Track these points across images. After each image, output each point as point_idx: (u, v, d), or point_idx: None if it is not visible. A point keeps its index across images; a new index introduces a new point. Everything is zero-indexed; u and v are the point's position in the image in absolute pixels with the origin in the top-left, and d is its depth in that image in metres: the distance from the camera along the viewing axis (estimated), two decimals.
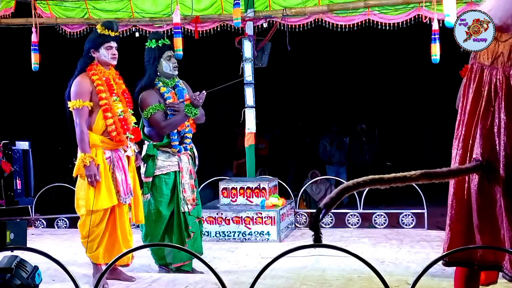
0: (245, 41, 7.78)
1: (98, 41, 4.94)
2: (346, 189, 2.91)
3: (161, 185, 5.30)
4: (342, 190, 2.91)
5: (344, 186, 2.92)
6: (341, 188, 2.92)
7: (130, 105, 5.12)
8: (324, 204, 2.87)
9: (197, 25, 7.88)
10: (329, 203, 2.88)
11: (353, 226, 7.69)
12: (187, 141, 5.42)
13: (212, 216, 7.01)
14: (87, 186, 4.81)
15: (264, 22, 7.81)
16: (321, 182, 10.47)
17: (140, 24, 8.07)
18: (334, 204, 2.90)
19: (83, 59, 4.99)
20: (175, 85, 5.47)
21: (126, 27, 8.01)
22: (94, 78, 4.89)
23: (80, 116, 4.82)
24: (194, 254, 2.98)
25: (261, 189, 7.26)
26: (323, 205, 2.86)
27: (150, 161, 5.29)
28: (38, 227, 8.14)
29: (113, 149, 4.92)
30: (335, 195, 2.88)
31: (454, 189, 3.29)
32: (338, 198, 2.89)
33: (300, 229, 7.78)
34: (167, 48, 5.41)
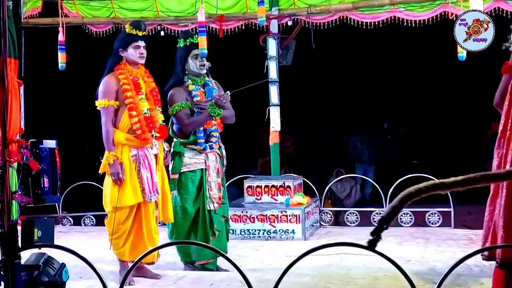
0: (269, 39, 7.78)
1: (126, 40, 4.99)
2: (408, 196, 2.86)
3: (187, 182, 5.32)
4: (404, 197, 2.86)
5: (406, 193, 2.87)
6: (403, 196, 2.87)
7: (159, 103, 5.14)
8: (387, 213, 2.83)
9: (221, 24, 7.89)
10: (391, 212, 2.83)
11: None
12: (213, 139, 5.43)
13: (237, 214, 7.01)
14: (112, 183, 4.86)
15: (289, 20, 7.80)
16: (346, 180, 10.42)
17: (165, 23, 8.11)
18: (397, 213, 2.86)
19: (112, 59, 5.05)
20: (205, 84, 5.49)
21: (151, 26, 8.05)
22: (121, 77, 4.94)
23: (106, 115, 4.88)
24: (219, 252, 2.98)
25: (286, 187, 7.25)
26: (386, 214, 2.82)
27: (176, 158, 5.32)
28: (65, 224, 8.23)
29: (139, 147, 4.95)
30: (397, 203, 2.83)
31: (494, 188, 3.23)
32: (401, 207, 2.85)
33: (325, 227, 7.76)
34: (194, 46, 5.46)
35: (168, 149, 5.26)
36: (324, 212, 7.90)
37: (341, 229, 7.75)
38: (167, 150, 5.23)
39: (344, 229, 7.69)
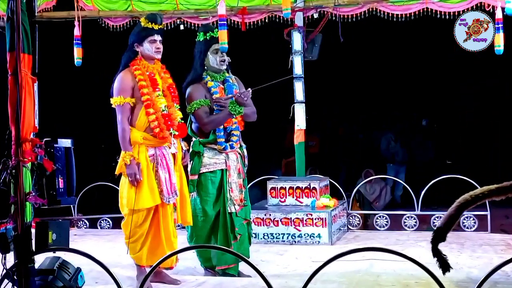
0: (294, 33, 7.76)
1: (142, 34, 5.00)
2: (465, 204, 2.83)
3: (207, 183, 5.33)
4: (461, 205, 2.83)
5: (462, 201, 2.84)
6: (460, 204, 2.84)
7: (176, 100, 5.16)
8: (444, 224, 2.81)
9: (244, 17, 7.89)
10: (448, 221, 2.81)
11: (410, 229, 7.59)
12: (233, 138, 5.43)
13: (259, 217, 7.01)
14: (129, 185, 4.87)
15: (315, 12, 7.77)
16: (375, 181, 10.38)
17: (185, 16, 8.13)
18: (455, 222, 2.84)
19: (126, 54, 5.07)
20: (225, 80, 5.49)
21: (170, 19, 8.07)
22: (137, 73, 4.95)
23: (122, 113, 4.90)
24: (241, 257, 2.99)
25: (311, 189, 7.24)
26: (443, 225, 2.80)
27: (196, 158, 5.34)
28: (80, 227, 8.30)
29: (156, 146, 4.96)
30: (454, 212, 2.81)
31: None
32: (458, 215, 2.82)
33: (353, 231, 7.73)
34: (215, 41, 5.46)
35: (186, 148, 5.26)
36: (352, 215, 7.87)
37: (369, 233, 7.72)
38: (185, 150, 5.23)
39: (373, 233, 7.66)
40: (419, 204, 7.59)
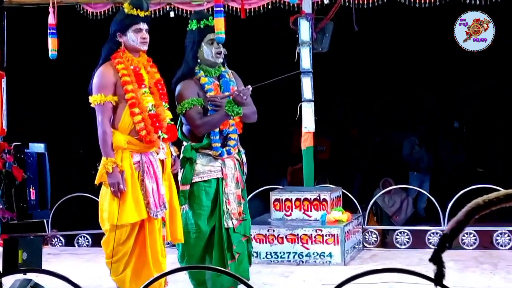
0: (301, 21, 7.78)
1: (125, 22, 4.98)
2: (476, 209, 2.83)
3: (200, 194, 5.31)
4: (471, 210, 2.82)
5: (473, 205, 2.83)
6: (470, 208, 2.83)
7: (165, 98, 5.14)
8: (450, 230, 2.80)
9: (243, 2, 7.90)
10: (455, 228, 2.80)
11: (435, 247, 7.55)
12: (231, 143, 5.42)
13: (262, 234, 7.01)
14: (110, 196, 4.85)
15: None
16: (395, 192, 10.36)
17: (176, 2, 8.14)
18: (463, 229, 2.84)
19: (107, 45, 5.04)
20: (220, 75, 5.47)
21: (159, 5, 8.09)
22: (119, 67, 4.93)
23: (102, 113, 4.86)
24: (240, 279, 2.97)
25: (321, 201, 7.24)
26: (449, 231, 2.79)
27: (187, 166, 5.31)
28: (55, 245, 8.29)
29: (142, 151, 4.94)
30: (463, 217, 2.80)
31: None
32: (467, 221, 2.82)
33: (369, 250, 7.73)
34: (210, 30, 5.43)
35: (176, 153, 5.25)
36: (368, 231, 7.87)
37: (388, 252, 7.72)
38: (175, 155, 5.22)
39: (392, 252, 7.66)
40: (446, 219, 7.58)
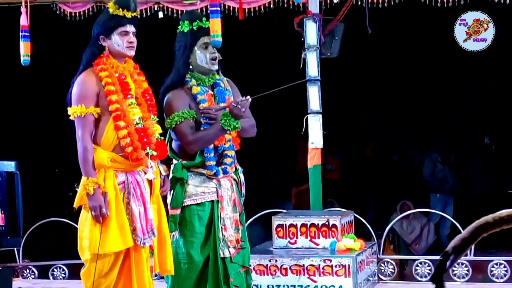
0: (308, 22, 7.79)
1: (109, 24, 4.98)
2: (483, 227, 2.86)
3: (193, 219, 5.31)
4: (478, 228, 2.86)
5: (482, 223, 2.86)
6: (477, 226, 2.87)
7: (154, 110, 5.14)
8: (453, 248, 2.84)
9: (241, 1, 7.93)
10: (459, 246, 2.84)
11: (460, 279, 7.59)
12: (227, 160, 5.41)
13: (262, 264, 7.00)
14: (92, 221, 4.84)
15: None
16: (415, 217, 10.38)
17: (165, 1, 8.17)
18: (467, 248, 2.88)
19: (89, 50, 5.04)
20: (214, 84, 5.47)
21: (146, 5, 8.10)
22: (103, 74, 4.92)
23: (83, 127, 4.86)
24: None
25: (330, 227, 7.23)
26: (451, 249, 2.83)
27: (178, 187, 5.30)
28: (27, 277, 8.27)
29: (128, 170, 4.94)
30: (467, 235, 2.84)
31: None
32: (473, 240, 2.85)
33: (385, 282, 7.72)
34: (204, 32, 5.43)
35: (166, 173, 5.24)
36: (384, 261, 7.86)
37: (407, 285, 7.72)
38: (165, 175, 5.21)
39: (411, 285, 7.67)
40: (472, 247, 7.57)
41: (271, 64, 11.45)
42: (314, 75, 7.80)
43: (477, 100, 12.84)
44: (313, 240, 7.25)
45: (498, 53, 9.31)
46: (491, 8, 7.07)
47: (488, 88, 12.53)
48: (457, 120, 13.17)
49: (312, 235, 7.25)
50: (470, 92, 12.82)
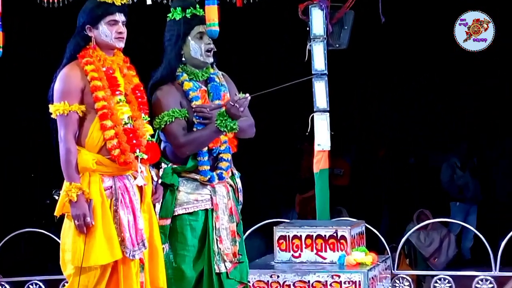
0: (313, 10, 7.80)
1: (97, 13, 4.98)
2: None
3: (185, 230, 5.32)
4: None
5: None
6: None
7: (145, 108, 5.14)
8: None
9: None
10: None
11: None
12: (223, 165, 5.41)
13: (263, 280, 7.01)
14: (75, 231, 4.84)
15: None
16: (433, 228, 10.40)
17: None
18: None
19: (73, 40, 5.05)
20: (208, 79, 5.47)
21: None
22: (88, 68, 4.93)
23: (66, 126, 4.87)
24: None
25: (339, 239, 7.24)
26: None
27: (168, 194, 5.29)
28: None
29: (115, 175, 4.96)
30: None
31: None
32: None
33: None
34: (199, 21, 5.41)
35: (158, 178, 5.25)
36: (399, 277, 7.88)
37: None
38: (157, 181, 5.22)
39: None
40: (498, 261, 7.63)
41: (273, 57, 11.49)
42: (320, 69, 7.81)
43: (477, 100, 13.49)
44: (320, 254, 7.25)
45: (498, 53, 9.85)
46: (491, 8, 7.49)
47: (488, 88, 13.19)
48: (457, 120, 13.50)
49: (319, 247, 7.26)
50: (470, 92, 13.49)
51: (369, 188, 12.52)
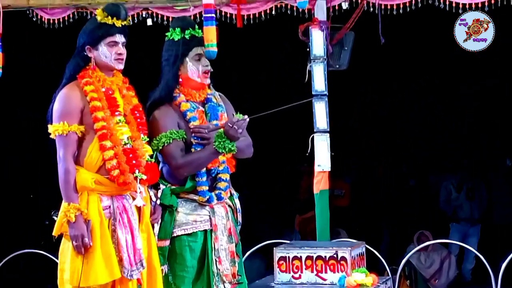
0: (314, 31, 7.82)
1: (97, 34, 4.99)
2: None
3: (183, 251, 5.29)
4: None
5: None
6: None
7: (144, 128, 5.13)
8: None
9: (240, 7, 7.98)
10: None
11: None
12: (221, 185, 5.39)
13: None
14: (73, 252, 4.82)
15: (344, 1, 7.81)
16: (434, 249, 10.38)
17: (154, 7, 8.19)
18: None
19: (73, 61, 5.05)
20: (206, 100, 5.46)
21: (133, 11, 8.11)
22: (88, 89, 4.93)
23: (65, 146, 4.86)
24: None
25: (339, 260, 7.22)
26: None
27: (166, 215, 5.27)
28: None
29: (114, 194, 4.95)
30: None
31: None
32: None
33: None
34: (197, 42, 5.41)
35: (157, 199, 5.23)
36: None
37: None
38: (155, 201, 5.20)
39: None
40: (498, 283, 7.61)
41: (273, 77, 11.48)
42: (320, 90, 7.81)
43: (477, 100, 13.51)
44: (320, 275, 7.23)
45: (498, 53, 9.85)
46: (491, 8, 7.34)
47: (488, 88, 13.24)
48: (457, 120, 13.49)
49: (319, 269, 7.24)
50: (470, 92, 13.51)
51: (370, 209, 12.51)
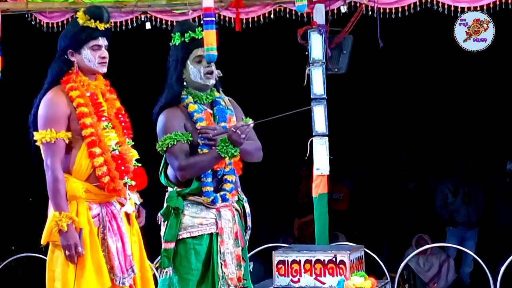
0: (312, 35, 7.82)
1: (80, 37, 4.95)
2: None
3: (189, 254, 5.26)
4: None
5: None
6: None
7: (129, 132, 5.13)
8: None
9: (238, 11, 7.96)
10: None
11: None
12: (227, 186, 5.36)
13: None
14: (64, 261, 4.80)
15: (343, 4, 7.84)
16: (432, 253, 10.37)
17: (153, 10, 8.19)
18: None
19: (56, 65, 5.01)
20: (214, 102, 5.45)
21: (131, 15, 8.13)
22: (74, 94, 4.89)
23: (53, 154, 4.80)
24: None
25: (338, 264, 7.21)
26: None
27: (172, 218, 5.24)
28: None
29: (103, 202, 4.93)
30: None
31: None
32: None
33: None
34: (197, 44, 5.40)
35: (140, 201, 5.22)
36: None
37: None
38: (139, 204, 5.20)
39: None
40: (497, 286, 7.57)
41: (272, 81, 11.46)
42: (319, 93, 7.82)
43: (477, 100, 13.51)
44: (319, 279, 7.23)
45: (498, 53, 9.81)
46: (491, 8, 7.42)
47: (488, 88, 13.26)
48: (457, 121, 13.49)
49: (318, 272, 7.24)
50: (470, 92, 13.49)
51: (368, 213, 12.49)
